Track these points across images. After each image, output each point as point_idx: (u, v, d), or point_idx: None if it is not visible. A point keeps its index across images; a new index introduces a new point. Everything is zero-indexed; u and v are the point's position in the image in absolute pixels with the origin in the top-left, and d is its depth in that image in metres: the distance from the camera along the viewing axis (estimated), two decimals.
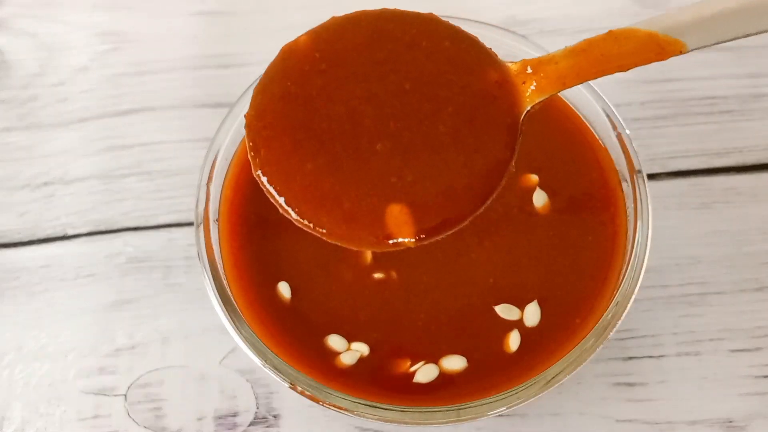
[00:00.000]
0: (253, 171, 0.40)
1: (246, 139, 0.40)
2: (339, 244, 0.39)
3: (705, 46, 0.36)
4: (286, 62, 0.41)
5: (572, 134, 0.55)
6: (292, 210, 0.39)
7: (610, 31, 0.38)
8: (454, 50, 0.40)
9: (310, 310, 0.50)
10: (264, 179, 0.40)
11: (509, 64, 0.41)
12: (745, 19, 0.36)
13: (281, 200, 0.39)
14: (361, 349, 0.49)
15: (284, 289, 0.51)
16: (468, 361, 0.49)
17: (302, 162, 0.39)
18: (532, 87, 0.39)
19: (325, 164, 0.39)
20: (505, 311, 0.50)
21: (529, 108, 0.40)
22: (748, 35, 0.36)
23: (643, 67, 0.65)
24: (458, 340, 0.50)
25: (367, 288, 0.51)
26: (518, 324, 0.50)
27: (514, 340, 0.49)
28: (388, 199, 0.38)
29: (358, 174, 0.38)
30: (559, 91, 0.39)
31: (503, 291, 0.50)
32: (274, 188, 0.39)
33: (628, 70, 0.38)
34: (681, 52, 0.37)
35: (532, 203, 0.52)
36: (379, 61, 0.40)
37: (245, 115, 0.41)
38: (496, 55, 0.42)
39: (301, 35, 0.42)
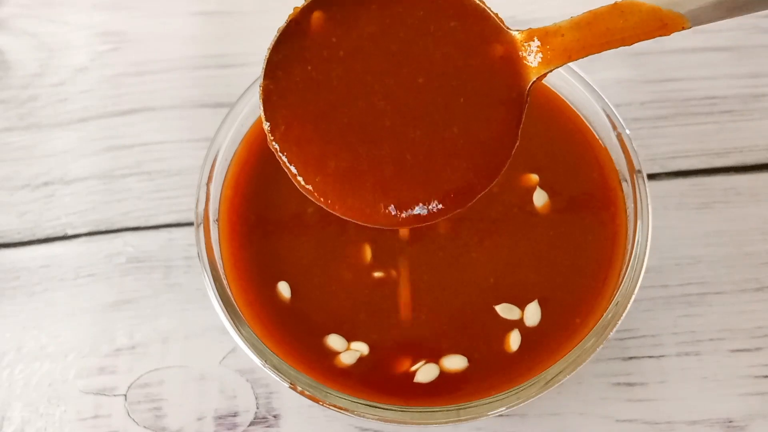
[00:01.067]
0: (268, 142, 0.40)
1: (262, 108, 0.40)
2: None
3: (707, 22, 0.37)
4: (304, 41, 0.41)
5: (572, 134, 0.55)
6: (310, 188, 0.40)
7: (616, 4, 0.38)
8: (460, 29, 0.40)
9: (310, 310, 0.50)
10: (284, 157, 0.40)
11: (515, 33, 0.41)
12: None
13: (299, 177, 0.40)
14: (360, 348, 0.49)
15: (284, 288, 0.51)
16: (469, 360, 0.49)
17: (325, 156, 0.40)
18: (539, 59, 0.39)
19: (348, 165, 0.40)
20: (506, 311, 0.50)
21: (534, 79, 0.40)
22: (750, 12, 0.36)
23: (643, 66, 0.65)
24: (459, 339, 0.49)
25: (367, 287, 0.51)
26: (519, 324, 0.50)
27: (514, 340, 0.49)
28: (405, 197, 0.39)
29: (378, 175, 0.40)
30: (564, 64, 0.39)
31: (504, 290, 0.50)
32: (294, 167, 0.40)
33: (631, 44, 0.38)
34: (683, 28, 0.37)
35: (533, 203, 0.52)
36: (394, 52, 0.40)
37: (261, 84, 0.41)
38: (502, 21, 0.41)
39: (311, 8, 0.41)
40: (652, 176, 0.61)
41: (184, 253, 0.60)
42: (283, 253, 0.52)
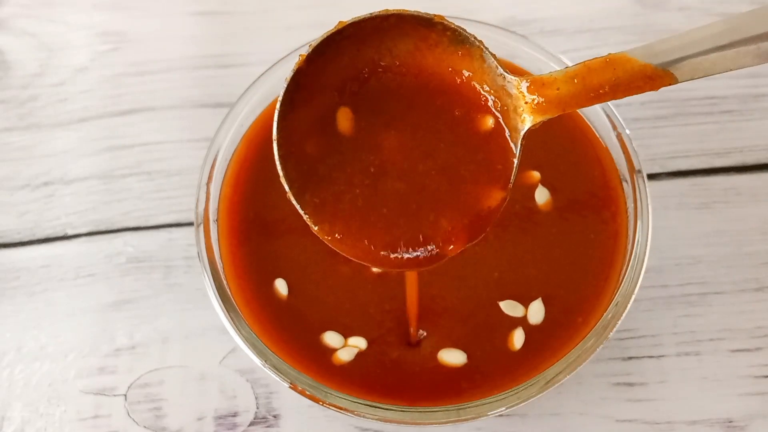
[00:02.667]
0: (287, 194, 0.42)
1: (280, 169, 0.42)
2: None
3: (695, 78, 0.38)
4: (338, 143, 0.43)
5: (573, 132, 0.55)
6: (328, 238, 0.42)
7: (609, 59, 0.39)
8: (457, 120, 0.43)
9: (307, 307, 0.50)
10: (302, 211, 0.42)
11: (512, 79, 0.41)
12: (733, 58, 0.37)
13: (314, 226, 0.42)
14: (358, 344, 0.49)
15: (281, 286, 0.51)
16: (468, 357, 0.49)
17: (341, 215, 0.42)
18: (533, 109, 0.41)
19: (361, 226, 0.42)
20: (510, 308, 0.50)
21: (527, 128, 0.41)
22: (735, 69, 0.38)
23: None
24: (461, 335, 0.49)
25: (365, 281, 0.51)
26: (522, 321, 0.50)
27: (518, 338, 0.49)
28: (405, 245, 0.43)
29: (384, 232, 0.43)
30: (557, 115, 0.40)
31: (507, 287, 0.50)
32: (310, 218, 0.42)
33: (622, 98, 0.39)
34: (671, 84, 0.38)
35: (535, 200, 0.52)
36: (409, 154, 0.43)
37: (277, 153, 0.42)
38: (499, 64, 0.41)
39: (338, 98, 0.43)
40: (652, 176, 0.61)
41: (184, 253, 0.60)
42: (281, 251, 0.52)
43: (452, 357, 0.49)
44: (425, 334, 0.50)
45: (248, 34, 0.69)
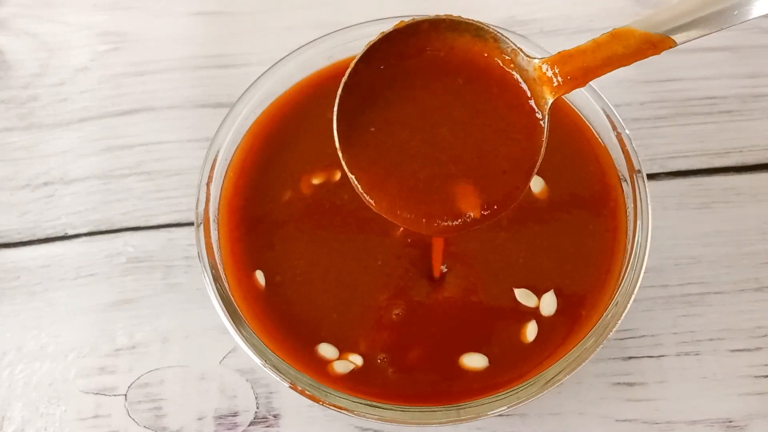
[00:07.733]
0: (340, 159, 0.44)
1: (336, 133, 0.43)
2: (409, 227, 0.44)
3: (691, 40, 0.42)
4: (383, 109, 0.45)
5: (573, 131, 0.55)
6: (373, 202, 0.44)
7: (614, 32, 0.42)
8: (493, 100, 0.45)
9: (306, 307, 0.50)
10: (352, 176, 0.44)
11: (536, 61, 0.44)
12: (722, 16, 0.41)
13: (365, 194, 0.44)
14: (354, 360, 0.49)
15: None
16: (490, 360, 0.49)
17: (386, 177, 0.44)
18: (554, 84, 0.43)
19: (403, 186, 0.44)
20: (525, 297, 0.50)
21: (551, 101, 0.43)
22: (727, 27, 0.41)
23: (643, 66, 0.65)
24: (480, 332, 0.49)
25: (370, 286, 0.50)
26: (535, 313, 0.50)
27: (531, 331, 0.49)
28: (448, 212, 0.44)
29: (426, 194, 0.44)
30: (573, 90, 0.43)
31: (519, 276, 0.50)
32: (360, 184, 0.44)
33: (629, 65, 0.43)
34: (671, 47, 0.42)
35: (532, 193, 0.52)
36: (438, 117, 0.45)
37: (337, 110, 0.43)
38: (521, 50, 0.44)
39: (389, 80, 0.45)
40: (651, 176, 0.61)
41: (184, 253, 0.60)
42: (281, 251, 0.52)
43: (475, 361, 0.49)
44: (446, 269, 0.51)
45: (248, 34, 0.69)
